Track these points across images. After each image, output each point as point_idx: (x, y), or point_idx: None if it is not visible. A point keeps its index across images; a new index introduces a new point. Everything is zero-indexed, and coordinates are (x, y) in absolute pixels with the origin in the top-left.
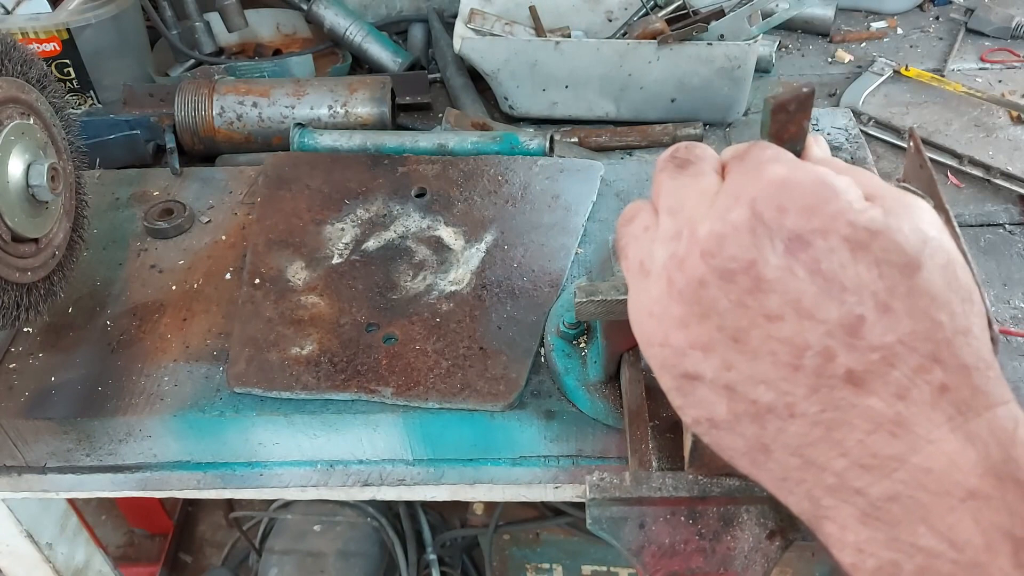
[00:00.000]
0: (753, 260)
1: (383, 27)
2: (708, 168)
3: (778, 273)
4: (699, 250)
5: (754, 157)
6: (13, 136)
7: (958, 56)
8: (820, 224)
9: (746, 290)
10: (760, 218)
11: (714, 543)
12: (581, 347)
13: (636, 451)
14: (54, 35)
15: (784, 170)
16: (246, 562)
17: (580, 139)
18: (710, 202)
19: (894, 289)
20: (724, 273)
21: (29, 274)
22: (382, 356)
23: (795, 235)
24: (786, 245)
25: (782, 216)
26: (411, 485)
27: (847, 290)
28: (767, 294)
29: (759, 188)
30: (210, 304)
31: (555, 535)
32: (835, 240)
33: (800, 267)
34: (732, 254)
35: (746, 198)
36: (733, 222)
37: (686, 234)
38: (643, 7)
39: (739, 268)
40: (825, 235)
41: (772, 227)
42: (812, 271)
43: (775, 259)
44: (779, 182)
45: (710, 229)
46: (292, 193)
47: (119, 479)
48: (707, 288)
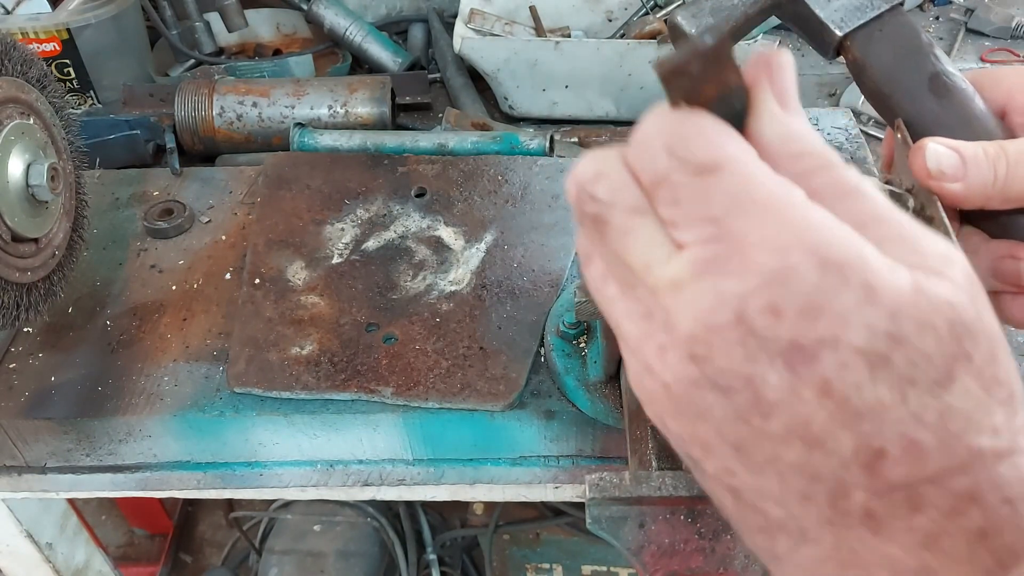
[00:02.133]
0: (749, 377)
1: (383, 27)
2: (630, 219)
3: (780, 395)
4: (684, 351)
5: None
6: (13, 136)
7: (958, 56)
8: (827, 331)
9: (746, 407)
10: (750, 326)
11: (714, 543)
12: (581, 347)
13: (636, 451)
14: (54, 35)
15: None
16: (246, 562)
17: (580, 139)
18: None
19: (921, 416)
20: (718, 385)
21: (29, 274)
22: (382, 356)
23: (797, 347)
24: (786, 359)
25: (778, 322)
26: (411, 485)
27: (863, 418)
28: (768, 416)
29: (744, 281)
30: (210, 304)
31: (555, 535)
32: (847, 353)
33: (806, 388)
34: (723, 367)
35: (728, 296)
36: (717, 328)
37: (659, 319)
38: (643, 7)
39: (734, 384)
40: (835, 346)
41: (766, 336)
42: (821, 392)
43: (775, 378)
44: (770, 271)
45: (691, 332)
46: (292, 193)
47: (119, 479)
48: (700, 391)
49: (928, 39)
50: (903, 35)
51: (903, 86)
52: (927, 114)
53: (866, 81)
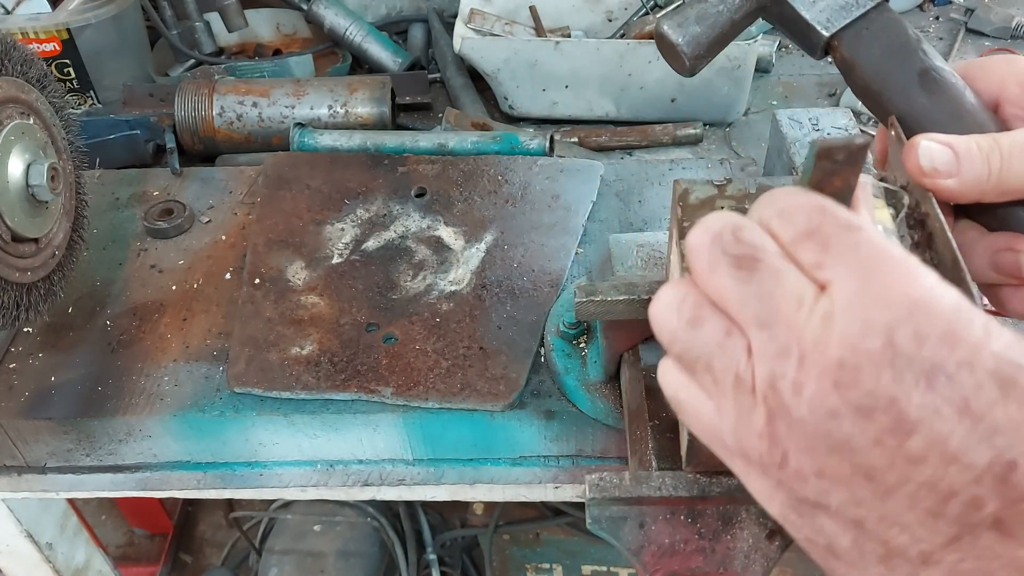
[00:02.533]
0: (895, 397)
1: (383, 27)
2: (780, 262)
3: (923, 412)
4: (829, 380)
5: (853, 249)
6: (13, 136)
7: (958, 56)
8: (965, 355)
9: (886, 428)
10: (899, 349)
11: (714, 543)
12: (581, 347)
13: (636, 451)
14: (54, 35)
15: (911, 284)
16: (246, 562)
17: (580, 139)
18: (821, 321)
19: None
20: (860, 409)
21: (29, 274)
22: (382, 356)
23: (939, 368)
24: (928, 380)
25: (921, 345)
26: (411, 485)
27: (998, 432)
28: (909, 434)
29: (892, 312)
30: (210, 304)
31: (555, 535)
32: (982, 374)
33: (947, 405)
34: (870, 389)
35: (879, 324)
36: (868, 352)
37: (797, 354)
38: (643, 7)
39: (878, 405)
40: (972, 368)
41: (914, 360)
42: (960, 411)
43: (918, 396)
44: (913, 304)
45: (840, 358)
46: (292, 193)
47: (119, 479)
48: (839, 421)
49: (916, 34)
50: (890, 32)
51: (893, 83)
52: (919, 110)
53: (856, 79)
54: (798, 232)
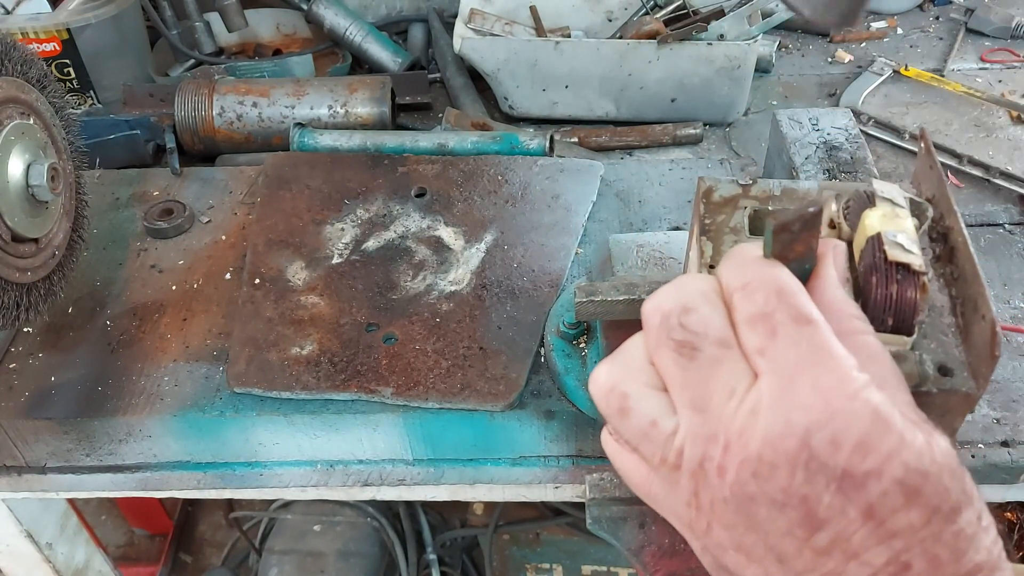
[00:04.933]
0: (806, 496)
1: (383, 27)
2: (720, 352)
3: (830, 513)
4: (749, 470)
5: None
6: (13, 136)
7: (958, 56)
8: (875, 464)
9: (796, 522)
10: (813, 452)
11: None
12: (581, 347)
13: None
14: (54, 35)
15: (834, 390)
16: (246, 562)
17: (580, 139)
18: (748, 414)
19: (940, 535)
20: (775, 502)
21: (29, 274)
22: (382, 356)
23: (849, 474)
24: (838, 484)
25: (835, 452)
26: (411, 485)
27: (897, 536)
28: (817, 530)
29: (811, 416)
30: (210, 304)
31: (555, 535)
32: (888, 482)
33: (853, 508)
34: (783, 486)
35: (798, 426)
36: (784, 452)
37: (723, 442)
38: (643, 7)
39: (791, 502)
40: (879, 477)
41: (827, 464)
42: (865, 514)
43: (828, 498)
44: (834, 411)
45: (759, 453)
46: (292, 193)
47: (119, 479)
48: (756, 507)
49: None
50: None
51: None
52: None
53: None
54: (752, 313)
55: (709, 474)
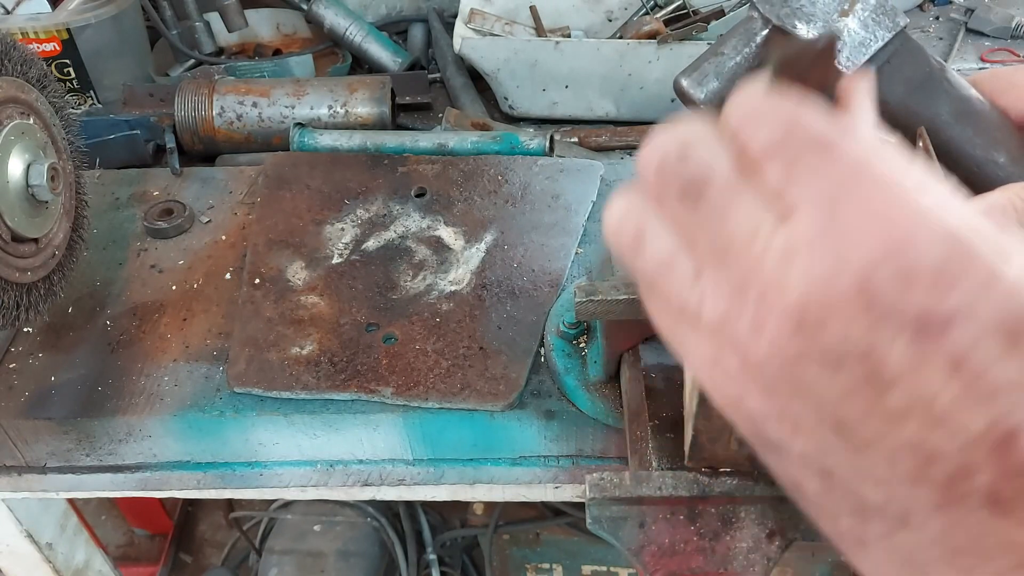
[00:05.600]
0: (871, 347)
1: (383, 27)
2: (732, 191)
3: (904, 366)
4: (791, 322)
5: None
6: (13, 136)
7: (958, 56)
8: (963, 302)
9: (859, 380)
10: (876, 292)
11: (714, 543)
12: (581, 347)
13: (636, 451)
14: (54, 35)
15: (894, 209)
16: (246, 562)
17: (580, 139)
18: (782, 255)
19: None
20: (829, 356)
21: (29, 274)
22: (382, 356)
23: (927, 316)
24: (915, 330)
25: (908, 289)
26: (411, 485)
27: (997, 396)
28: (888, 389)
29: (868, 247)
30: (210, 304)
31: (555, 535)
32: (982, 326)
33: (935, 362)
34: (840, 336)
35: (852, 262)
36: (839, 294)
37: (756, 293)
38: (643, 7)
39: (851, 355)
40: (969, 319)
41: (896, 306)
42: (952, 366)
43: (901, 347)
44: (897, 236)
45: (804, 298)
46: (292, 193)
47: (119, 479)
48: (804, 367)
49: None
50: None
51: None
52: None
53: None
54: (763, 146)
55: (739, 334)
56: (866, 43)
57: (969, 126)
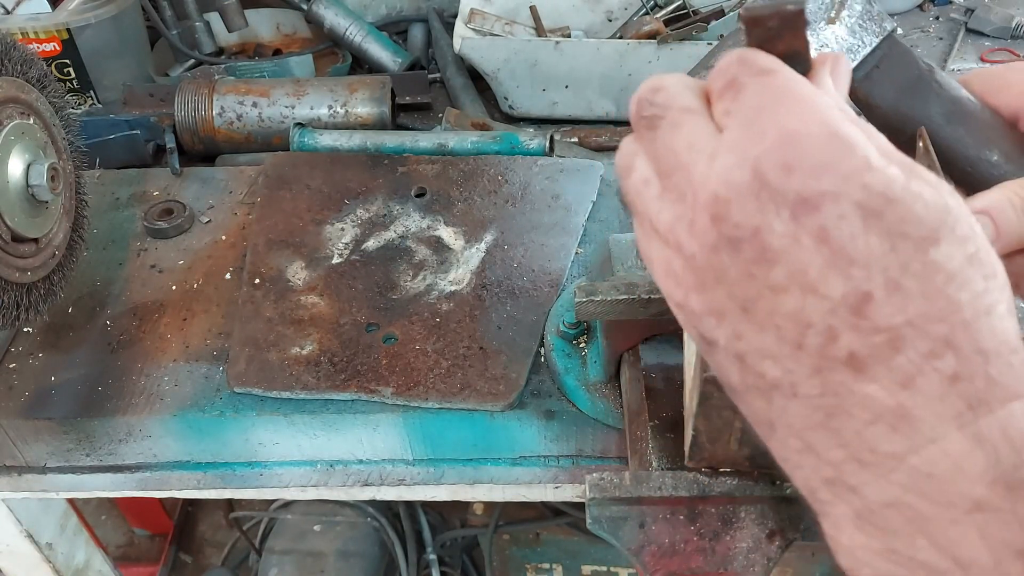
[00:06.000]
0: (758, 227)
1: (383, 27)
2: (682, 115)
3: (783, 242)
4: (708, 214)
5: (758, 91)
6: (13, 136)
7: (958, 56)
8: (831, 185)
9: (752, 259)
10: (764, 180)
11: (714, 543)
12: (581, 347)
13: (636, 451)
14: (54, 35)
15: (795, 117)
16: (246, 562)
17: (580, 139)
18: (707, 159)
19: (907, 265)
20: (731, 240)
21: (29, 274)
22: (382, 356)
23: (802, 199)
24: (792, 210)
25: (788, 177)
26: (411, 485)
27: (855, 264)
28: (772, 264)
29: (764, 144)
30: (210, 304)
31: (555, 535)
32: (846, 205)
33: (807, 235)
34: (737, 220)
35: (750, 156)
36: (736, 185)
37: (690, 196)
38: (643, 7)
39: (744, 236)
40: (836, 199)
41: (778, 190)
42: (819, 239)
43: (780, 226)
44: (787, 135)
45: (714, 192)
46: (292, 193)
47: (119, 479)
48: (718, 254)
49: (927, 65)
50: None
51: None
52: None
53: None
54: (720, 86)
55: (680, 234)
56: (854, 49)
57: (961, 126)
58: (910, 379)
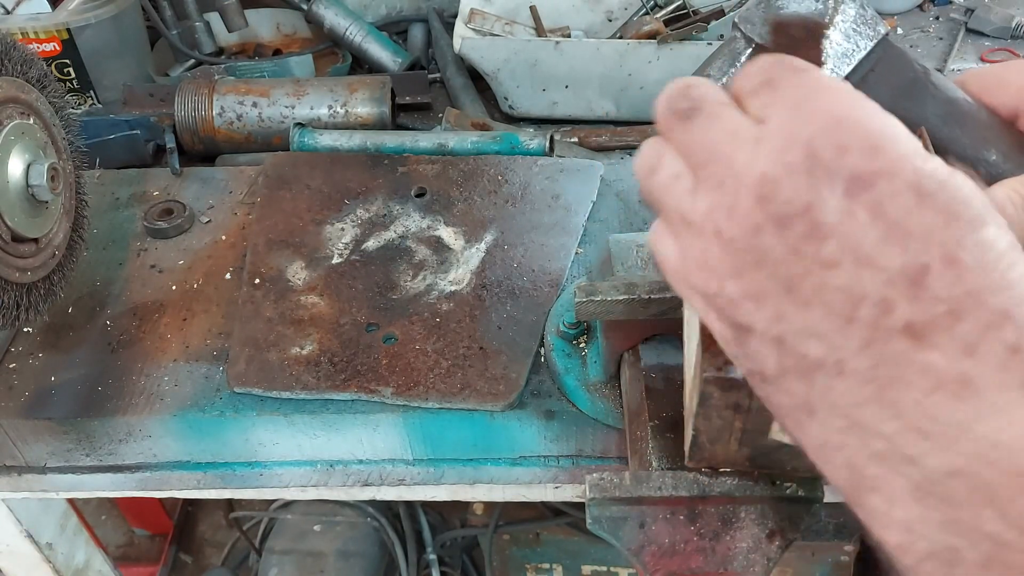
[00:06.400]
0: (810, 203)
1: (383, 27)
2: (719, 108)
3: (837, 216)
4: (752, 196)
5: (797, 85)
6: (13, 136)
7: (958, 56)
8: (885, 165)
9: (802, 235)
10: (818, 158)
11: (714, 543)
12: (581, 347)
13: (636, 451)
14: (54, 35)
15: (842, 104)
16: (246, 562)
17: (580, 139)
18: (751, 144)
19: (962, 240)
20: (779, 218)
21: (29, 274)
22: (382, 356)
23: (856, 176)
24: (846, 187)
25: (843, 155)
26: (411, 485)
27: (912, 236)
28: (824, 239)
29: (815, 125)
30: (210, 304)
31: (555, 535)
32: (900, 183)
33: (861, 210)
34: (787, 197)
35: (802, 137)
36: (788, 163)
37: (731, 182)
38: (643, 7)
39: (795, 212)
40: (890, 177)
41: (831, 168)
42: (874, 214)
43: (834, 201)
44: (838, 119)
45: (762, 172)
46: (292, 193)
47: (119, 479)
48: (761, 235)
49: (922, 67)
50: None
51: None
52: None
53: None
54: (754, 85)
55: (719, 221)
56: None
57: (958, 127)
58: (972, 347)
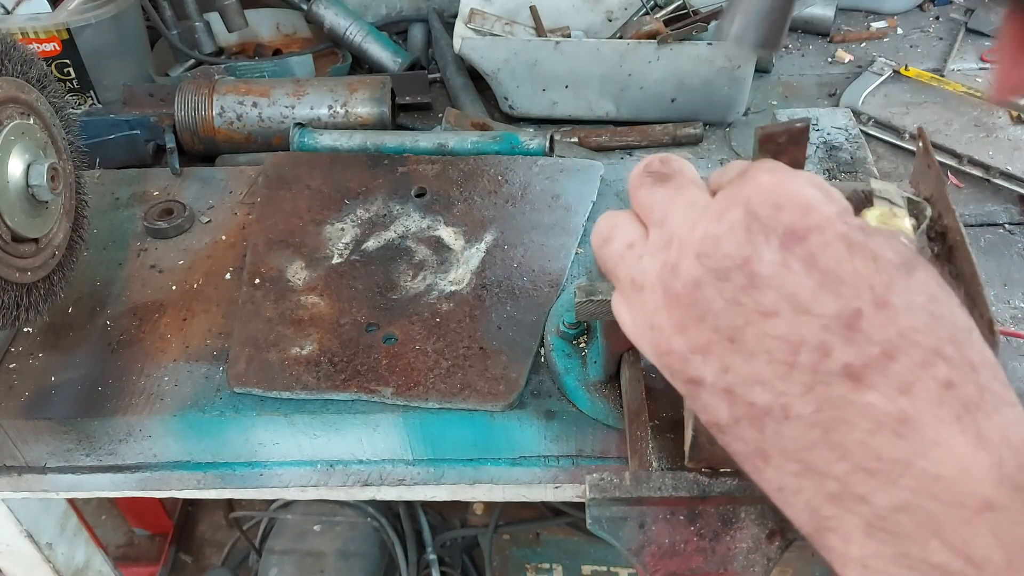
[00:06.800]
0: (748, 256)
1: (383, 27)
2: (688, 181)
3: (773, 268)
4: (693, 253)
5: (748, 171)
6: (13, 136)
7: (958, 56)
8: (816, 221)
9: (740, 287)
10: (755, 216)
11: (714, 543)
12: (581, 347)
13: (636, 451)
14: (54, 35)
15: (779, 175)
16: (246, 562)
17: (580, 139)
18: (701, 210)
19: (891, 284)
20: (719, 272)
21: (29, 274)
22: (382, 356)
23: (791, 230)
24: (781, 240)
25: (777, 213)
26: (411, 485)
27: (844, 283)
28: (762, 290)
29: (754, 189)
30: (210, 304)
31: (555, 535)
32: (832, 235)
33: (795, 261)
34: (726, 252)
35: (741, 199)
36: (728, 222)
37: (677, 242)
38: (643, 7)
39: (734, 265)
40: (822, 231)
41: (768, 224)
42: (808, 265)
43: (770, 254)
44: (774, 183)
45: (704, 231)
46: (292, 193)
47: (119, 479)
48: (702, 289)
49: None
50: None
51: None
52: None
53: None
54: (730, 177)
55: (665, 279)
56: None
57: None
58: (908, 385)
